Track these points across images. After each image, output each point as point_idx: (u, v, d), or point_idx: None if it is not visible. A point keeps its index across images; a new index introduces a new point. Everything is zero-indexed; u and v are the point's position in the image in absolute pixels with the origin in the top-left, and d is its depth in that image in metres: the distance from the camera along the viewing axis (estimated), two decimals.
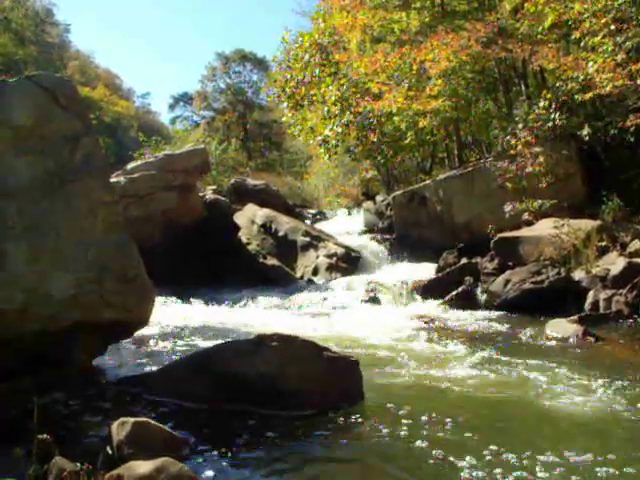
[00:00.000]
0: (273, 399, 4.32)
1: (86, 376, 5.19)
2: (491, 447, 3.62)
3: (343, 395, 4.59)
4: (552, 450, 3.59)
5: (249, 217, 15.00)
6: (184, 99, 46.97)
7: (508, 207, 11.53)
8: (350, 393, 4.63)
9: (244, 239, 14.11)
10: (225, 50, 43.11)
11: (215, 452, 3.68)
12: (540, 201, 11.20)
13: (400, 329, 7.84)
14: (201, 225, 13.36)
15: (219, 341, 5.96)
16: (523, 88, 14.44)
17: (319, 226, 16.80)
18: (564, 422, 4.15)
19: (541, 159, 11.50)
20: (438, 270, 11.43)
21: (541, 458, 3.50)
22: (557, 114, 11.75)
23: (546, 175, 11.41)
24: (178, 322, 8.20)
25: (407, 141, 16.29)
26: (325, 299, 10.59)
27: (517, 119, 12.71)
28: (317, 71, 18.31)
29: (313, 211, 21.90)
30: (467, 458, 3.48)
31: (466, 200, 12.75)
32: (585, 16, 10.32)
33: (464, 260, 11.09)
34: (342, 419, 4.23)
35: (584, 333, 6.86)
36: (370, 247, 14.17)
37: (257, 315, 9.31)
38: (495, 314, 8.86)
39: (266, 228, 14.41)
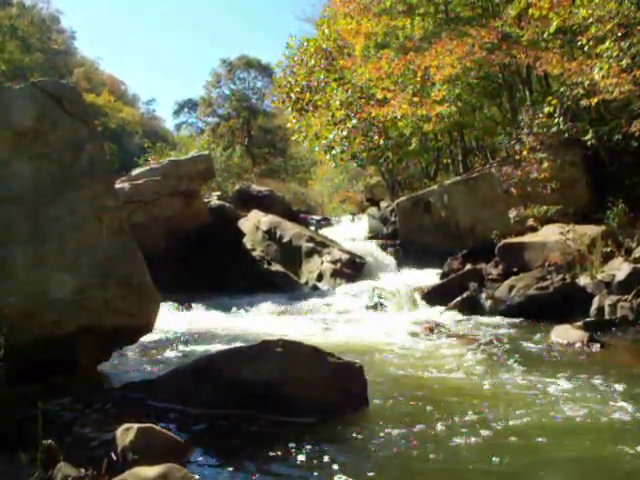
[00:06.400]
0: (277, 405, 4.31)
1: (91, 382, 5.19)
2: (498, 456, 3.60)
3: (347, 401, 4.57)
4: (556, 458, 3.57)
5: (254, 223, 15.00)
6: (189, 105, 47.11)
7: (513, 213, 11.51)
8: (354, 399, 4.62)
9: (248, 245, 14.11)
10: (230, 56, 43.12)
11: (218, 458, 3.68)
12: (545, 207, 11.18)
13: (405, 335, 7.82)
14: (205, 231, 13.37)
15: (223, 347, 5.96)
16: (527, 94, 14.41)
17: (323, 232, 16.78)
18: (567, 430, 4.13)
19: (546, 165, 11.48)
20: (442, 276, 11.40)
21: (549, 465, 3.48)
22: (562, 119, 11.73)
23: (551, 181, 11.38)
24: (182, 328, 8.20)
25: (412, 147, 16.29)
26: (329, 305, 10.57)
27: (522, 125, 12.69)
28: (322, 77, 18.35)
29: (317, 217, 21.87)
30: (472, 466, 3.46)
31: (470, 206, 12.73)
32: (590, 21, 10.31)
33: (468, 266, 11.06)
34: (346, 425, 4.21)
35: (589, 339, 6.83)
36: (374, 253, 14.13)
37: (261, 321, 9.30)
38: (500, 320, 8.82)
39: (270, 234, 14.40)
